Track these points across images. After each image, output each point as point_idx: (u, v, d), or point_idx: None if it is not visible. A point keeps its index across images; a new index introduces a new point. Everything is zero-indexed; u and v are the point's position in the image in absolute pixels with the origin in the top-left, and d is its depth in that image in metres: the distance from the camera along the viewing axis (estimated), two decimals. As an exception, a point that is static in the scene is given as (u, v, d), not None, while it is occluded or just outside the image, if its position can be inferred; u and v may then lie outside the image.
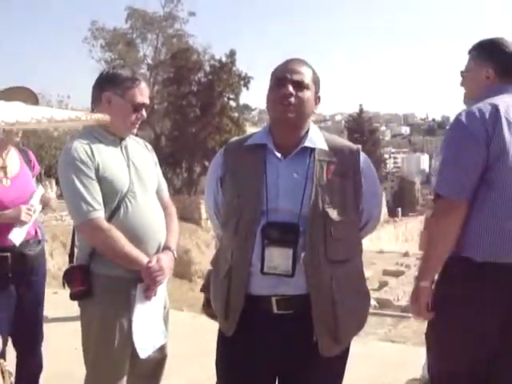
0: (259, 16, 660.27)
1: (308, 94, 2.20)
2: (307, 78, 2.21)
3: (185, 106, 35.37)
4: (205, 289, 2.69)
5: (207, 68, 36.66)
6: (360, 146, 2.34)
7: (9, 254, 3.24)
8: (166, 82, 37.46)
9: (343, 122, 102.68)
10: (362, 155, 2.30)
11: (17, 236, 3.24)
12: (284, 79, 2.18)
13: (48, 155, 22.39)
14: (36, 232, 3.48)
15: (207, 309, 2.59)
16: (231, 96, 36.50)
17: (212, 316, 2.68)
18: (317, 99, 2.28)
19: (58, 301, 3.60)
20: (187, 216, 25.34)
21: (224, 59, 36.09)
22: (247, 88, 36.08)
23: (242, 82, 36.20)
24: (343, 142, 2.37)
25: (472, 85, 2.62)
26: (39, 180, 3.82)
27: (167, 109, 37.02)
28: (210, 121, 34.51)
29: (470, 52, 2.65)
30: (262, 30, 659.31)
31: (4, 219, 3.22)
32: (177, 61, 36.17)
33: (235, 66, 36.21)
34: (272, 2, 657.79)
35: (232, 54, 36.35)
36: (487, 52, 2.57)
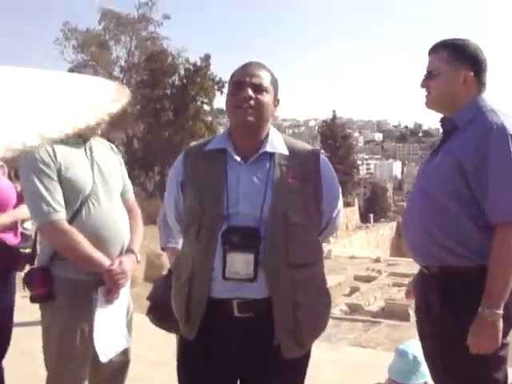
0: (235, 19, 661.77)
1: (267, 97, 2.19)
2: (266, 81, 2.19)
3: (158, 110, 35.24)
4: (152, 297, 2.69)
5: (182, 71, 36.63)
6: (320, 150, 2.35)
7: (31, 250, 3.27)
8: (140, 84, 37.31)
9: (317, 127, 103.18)
10: (322, 158, 2.30)
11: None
12: (243, 83, 2.17)
13: (17, 157, 22.09)
14: None
15: (151, 317, 2.60)
16: (205, 100, 36.50)
17: (157, 325, 2.69)
18: (276, 102, 2.26)
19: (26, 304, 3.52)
20: (159, 220, 25.12)
21: (199, 63, 36.10)
22: (221, 92, 36.10)
23: (216, 87, 36.22)
24: (303, 145, 2.37)
25: (445, 88, 2.44)
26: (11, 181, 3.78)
27: (140, 112, 36.85)
28: (184, 124, 34.43)
29: (434, 51, 2.49)
30: (236, 33, 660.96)
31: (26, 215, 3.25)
32: (151, 63, 36.07)
33: (210, 70, 36.26)
34: (248, 3, 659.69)
35: (207, 57, 36.37)
36: (464, 54, 2.42)
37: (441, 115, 2.57)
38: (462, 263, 2.35)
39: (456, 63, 2.42)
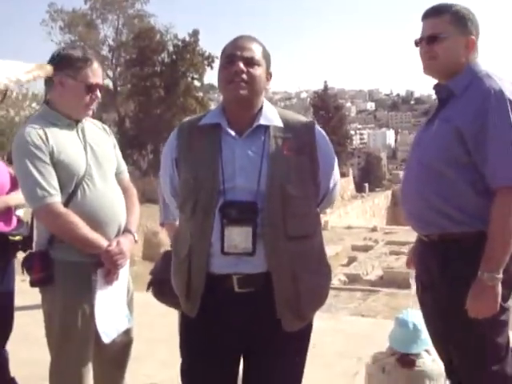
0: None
1: (259, 71, 2.17)
2: (257, 55, 2.17)
3: (149, 87, 35.04)
4: (152, 272, 2.70)
5: (170, 48, 36.36)
6: (314, 121, 2.32)
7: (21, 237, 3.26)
8: (129, 63, 37.10)
9: (308, 99, 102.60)
10: (317, 129, 2.28)
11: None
12: (234, 56, 2.14)
13: (10, 142, 21.96)
14: None
15: (151, 291, 2.61)
16: (195, 76, 36.33)
17: (157, 299, 2.71)
18: (268, 75, 2.24)
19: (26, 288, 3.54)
20: (155, 198, 25.15)
21: (187, 39, 35.82)
22: (211, 67, 35.89)
23: (205, 62, 36.00)
24: (298, 117, 2.35)
25: (450, 52, 2.41)
26: None
27: (131, 90, 36.64)
28: (175, 101, 34.30)
29: (435, 15, 2.44)
30: (224, 8, 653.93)
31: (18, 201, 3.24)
32: (139, 41, 35.80)
33: (198, 45, 35.99)
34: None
35: (195, 33, 36.09)
36: (467, 19, 2.41)
37: (434, 82, 2.54)
38: (460, 229, 2.36)
39: (461, 27, 2.40)
